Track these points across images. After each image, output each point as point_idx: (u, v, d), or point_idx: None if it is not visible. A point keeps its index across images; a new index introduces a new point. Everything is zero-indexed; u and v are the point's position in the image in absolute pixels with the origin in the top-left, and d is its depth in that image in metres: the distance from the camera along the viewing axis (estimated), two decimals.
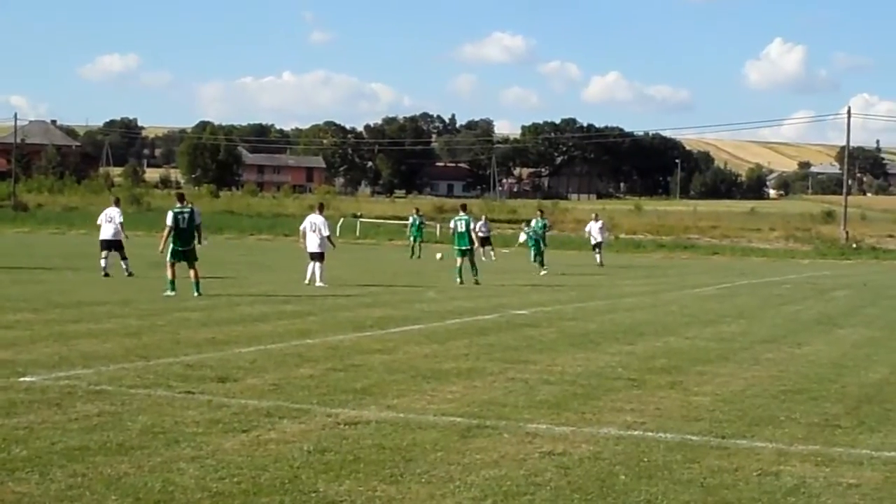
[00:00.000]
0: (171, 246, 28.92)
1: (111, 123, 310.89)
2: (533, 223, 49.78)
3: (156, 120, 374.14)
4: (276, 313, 24.69)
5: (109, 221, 36.82)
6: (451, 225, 39.15)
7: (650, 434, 12.37)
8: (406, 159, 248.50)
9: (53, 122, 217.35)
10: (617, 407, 14.10)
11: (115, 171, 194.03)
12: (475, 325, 23.80)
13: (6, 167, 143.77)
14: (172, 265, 28.75)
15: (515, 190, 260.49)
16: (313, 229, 34.87)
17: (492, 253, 54.70)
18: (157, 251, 29.62)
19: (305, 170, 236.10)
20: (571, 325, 24.55)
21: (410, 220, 58.71)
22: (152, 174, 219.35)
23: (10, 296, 26.81)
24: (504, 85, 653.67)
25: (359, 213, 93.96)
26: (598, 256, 54.49)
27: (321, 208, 36.52)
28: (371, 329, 22.28)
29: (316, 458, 10.74)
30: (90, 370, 15.65)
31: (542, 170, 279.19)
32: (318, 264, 34.54)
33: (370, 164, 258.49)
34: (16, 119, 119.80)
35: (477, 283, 36.71)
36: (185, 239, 28.87)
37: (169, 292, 28.11)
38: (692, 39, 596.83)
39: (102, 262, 35.46)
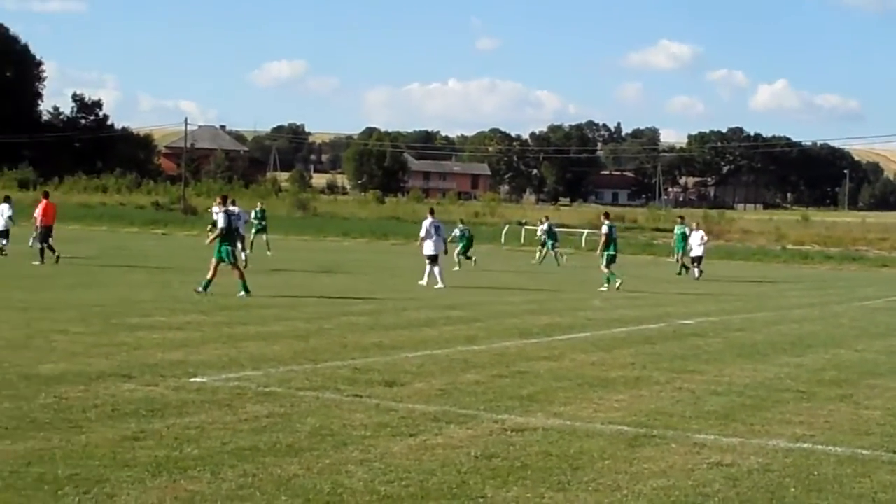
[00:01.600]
0: (222, 245, 28.87)
1: (279, 129, 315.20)
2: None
3: (323, 126, 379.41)
4: (443, 319, 24.77)
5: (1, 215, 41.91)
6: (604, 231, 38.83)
7: (820, 447, 12.14)
8: (571, 167, 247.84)
9: (222, 127, 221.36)
10: (786, 419, 13.88)
11: (282, 176, 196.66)
12: (641, 334, 23.60)
13: (176, 171, 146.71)
14: (217, 265, 28.77)
15: (681, 199, 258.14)
16: (431, 233, 35.58)
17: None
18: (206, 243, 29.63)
19: (471, 177, 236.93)
20: (738, 335, 24.21)
21: (542, 227, 58.19)
22: (319, 179, 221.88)
23: (179, 297, 27.31)
24: (670, 93, 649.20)
25: (524, 221, 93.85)
26: (696, 270, 48.65)
27: (432, 213, 37.68)
28: (537, 336, 22.24)
29: (483, 463, 10.74)
30: (259, 372, 15.86)
31: (709, 179, 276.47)
32: (435, 267, 35.30)
33: (535, 171, 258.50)
34: (186, 124, 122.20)
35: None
36: (233, 240, 28.88)
37: (200, 288, 28.20)
38: (863, 48, 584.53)
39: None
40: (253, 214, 48.27)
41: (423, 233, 35.90)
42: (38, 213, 38.98)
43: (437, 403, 13.92)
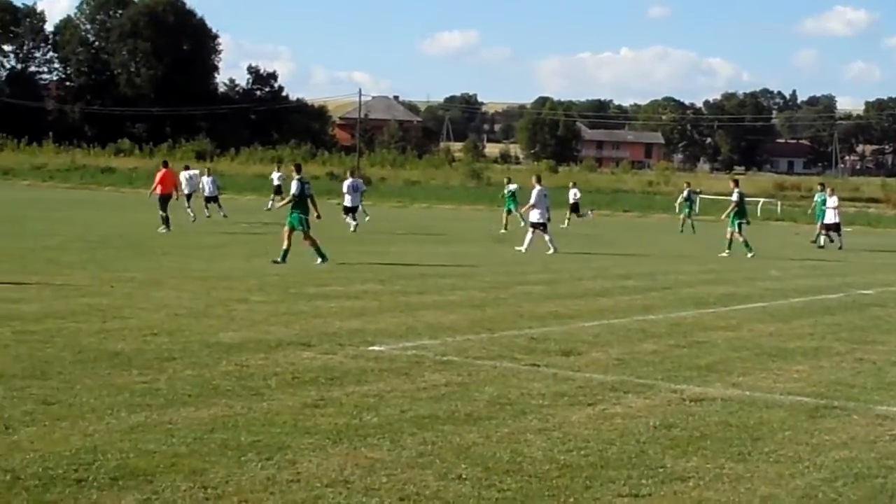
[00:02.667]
0: (296, 215, 28.43)
1: (451, 99, 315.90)
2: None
3: (495, 95, 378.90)
4: (618, 288, 24.60)
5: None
6: (735, 198, 38.08)
7: None
8: (745, 135, 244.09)
9: (396, 97, 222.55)
10: None
11: (456, 146, 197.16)
12: (820, 304, 23.18)
13: (351, 142, 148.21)
14: (290, 233, 28.35)
15: (858, 167, 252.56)
16: (538, 201, 35.65)
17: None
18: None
19: (644, 146, 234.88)
20: None
21: (683, 194, 57.17)
22: (492, 149, 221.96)
23: (357, 267, 27.57)
24: (846, 60, 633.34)
25: (698, 190, 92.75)
26: (827, 238, 46.28)
27: (540, 181, 37.28)
28: (713, 306, 21.97)
29: (662, 433, 10.66)
30: (437, 340, 15.94)
31: (886, 147, 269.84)
32: (545, 234, 35.48)
33: (709, 140, 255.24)
34: (360, 95, 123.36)
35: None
36: (305, 208, 28.75)
37: (279, 259, 27.72)
38: None
39: None
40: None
41: (533, 200, 35.67)
42: (156, 180, 39.52)
43: (615, 373, 13.85)
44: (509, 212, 47.51)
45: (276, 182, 57.49)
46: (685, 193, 56.54)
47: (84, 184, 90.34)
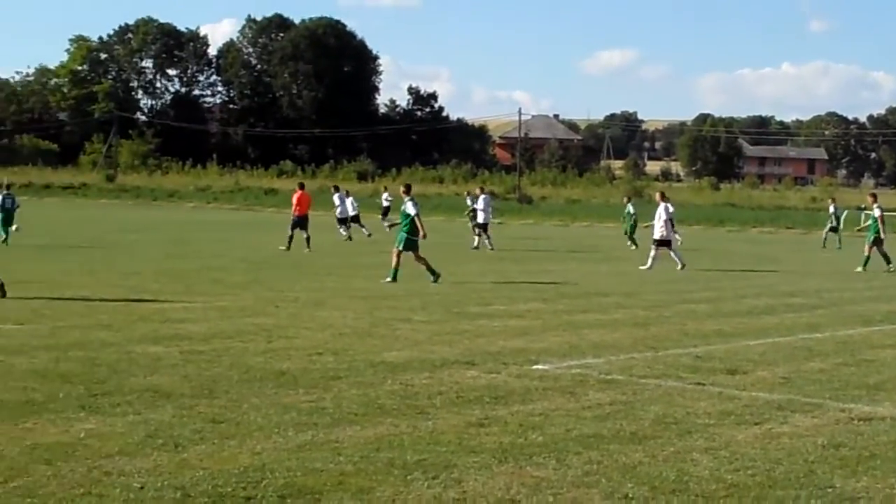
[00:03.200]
0: (406, 235, 28.28)
1: (611, 117, 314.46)
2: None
3: (655, 113, 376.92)
4: (783, 306, 24.25)
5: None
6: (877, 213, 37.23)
7: None
8: None
9: (556, 116, 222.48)
10: None
11: (616, 164, 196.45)
12: None
13: (511, 161, 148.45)
14: (399, 254, 28.15)
15: None
16: (659, 217, 35.41)
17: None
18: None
19: (807, 161, 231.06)
20: None
21: (831, 209, 56.29)
22: (653, 167, 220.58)
23: (518, 286, 27.59)
24: None
25: (863, 206, 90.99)
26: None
27: (665, 197, 36.92)
28: (880, 324, 21.54)
29: (830, 452, 10.47)
30: (600, 359, 15.88)
31: None
32: (670, 251, 35.16)
33: (873, 155, 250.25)
34: (520, 114, 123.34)
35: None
36: (415, 228, 28.35)
37: (389, 279, 27.59)
38: None
39: None
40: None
41: (663, 216, 35.18)
42: (294, 202, 40.09)
43: (781, 392, 13.64)
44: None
45: (384, 203, 59.03)
46: (831, 209, 55.81)
47: (247, 205, 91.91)
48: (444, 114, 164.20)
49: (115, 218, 55.74)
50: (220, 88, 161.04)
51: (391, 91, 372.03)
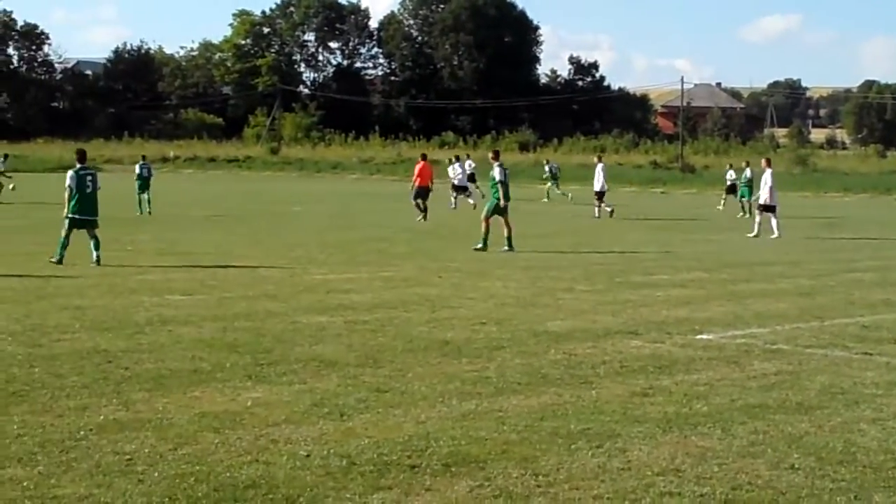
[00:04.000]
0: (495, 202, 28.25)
1: (775, 84, 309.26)
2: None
3: (820, 80, 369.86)
4: None
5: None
6: None
7: None
8: None
9: (718, 84, 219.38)
10: None
11: (780, 133, 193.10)
12: None
13: (673, 130, 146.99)
14: (487, 220, 28.05)
15: None
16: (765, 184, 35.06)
17: None
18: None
19: None
20: None
21: None
22: (817, 135, 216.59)
23: (682, 255, 27.40)
24: None
25: None
26: None
27: (769, 163, 36.36)
28: None
29: None
30: (765, 329, 15.69)
31: None
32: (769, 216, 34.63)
33: None
34: (682, 83, 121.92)
35: None
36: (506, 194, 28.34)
37: (480, 246, 27.52)
38: None
39: None
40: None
41: (769, 182, 34.84)
42: (415, 173, 40.33)
43: None
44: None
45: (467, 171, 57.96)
46: None
47: (410, 176, 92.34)
48: (606, 83, 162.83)
49: (280, 190, 56.54)
50: (381, 60, 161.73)
51: (552, 61, 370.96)
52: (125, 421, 9.76)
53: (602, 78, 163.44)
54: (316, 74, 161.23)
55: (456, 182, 49.51)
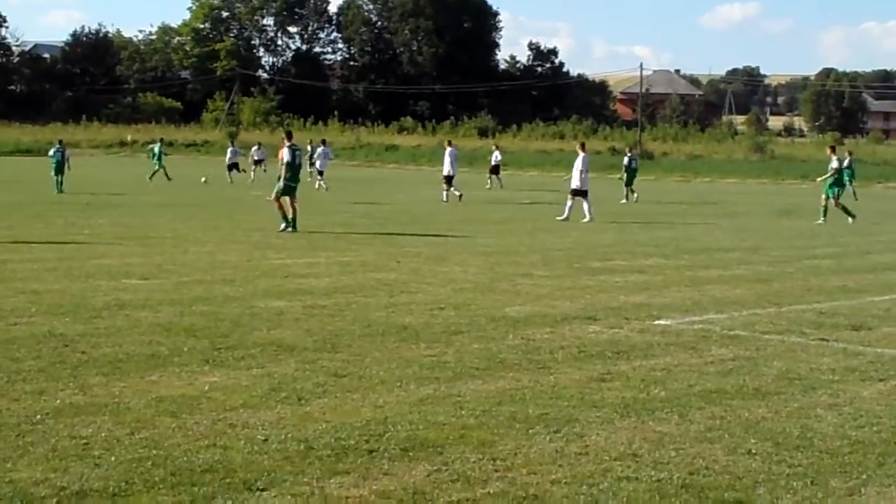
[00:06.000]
0: (285, 182, 28.87)
1: (733, 72, 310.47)
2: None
3: (778, 68, 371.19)
4: None
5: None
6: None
7: None
8: None
9: (677, 71, 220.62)
10: None
11: (738, 120, 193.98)
12: None
13: (632, 116, 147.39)
14: (279, 199, 28.70)
15: None
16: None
17: None
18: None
19: None
20: None
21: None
22: (775, 122, 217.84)
23: (640, 241, 27.49)
24: None
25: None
26: None
27: (583, 147, 36.91)
28: None
29: None
30: (723, 315, 15.76)
31: None
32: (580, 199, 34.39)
33: None
34: (641, 69, 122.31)
35: None
36: (296, 176, 29.21)
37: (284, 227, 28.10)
38: None
39: None
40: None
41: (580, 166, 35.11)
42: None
43: None
44: None
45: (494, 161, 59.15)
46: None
47: (368, 161, 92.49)
48: (565, 69, 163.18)
49: (239, 175, 56.29)
50: (340, 45, 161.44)
51: (511, 47, 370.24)
52: (82, 405, 9.71)
53: (561, 64, 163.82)
54: (275, 59, 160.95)
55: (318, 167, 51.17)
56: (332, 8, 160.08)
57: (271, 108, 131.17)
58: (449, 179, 43.73)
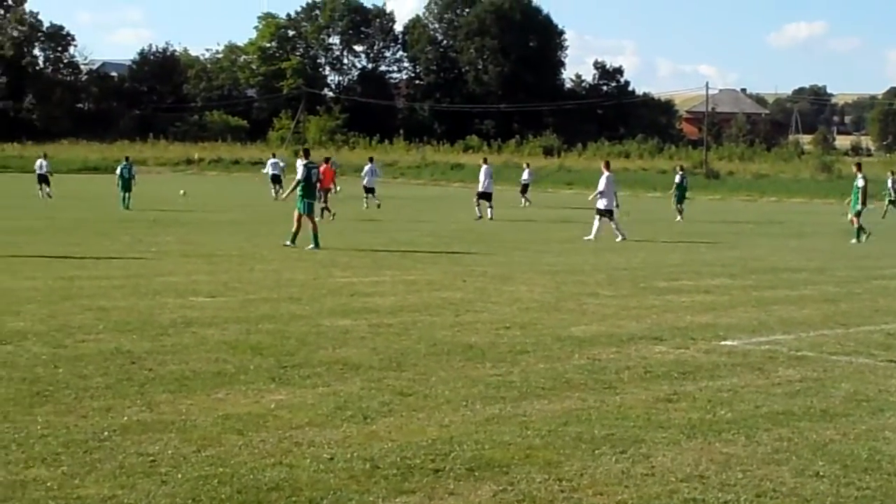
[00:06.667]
0: (304, 200, 28.85)
1: (800, 91, 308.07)
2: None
3: (844, 86, 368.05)
4: None
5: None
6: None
7: None
8: None
9: (743, 90, 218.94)
10: None
11: (805, 139, 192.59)
12: None
13: (697, 135, 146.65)
14: (300, 218, 28.62)
15: None
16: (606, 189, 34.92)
17: None
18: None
19: None
20: None
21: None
22: (842, 141, 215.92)
23: (707, 261, 27.33)
24: None
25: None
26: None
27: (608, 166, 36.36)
28: None
29: None
30: (790, 336, 15.64)
31: None
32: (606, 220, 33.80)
33: None
34: (707, 88, 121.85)
35: None
36: (312, 193, 29.26)
37: (288, 242, 28.16)
38: None
39: None
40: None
41: (602, 188, 34.71)
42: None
43: None
44: None
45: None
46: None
47: (434, 180, 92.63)
48: (630, 88, 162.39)
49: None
50: (406, 64, 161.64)
51: (576, 65, 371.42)
52: (149, 422, 9.78)
53: (627, 83, 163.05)
54: (340, 77, 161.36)
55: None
56: (398, 27, 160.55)
57: (337, 126, 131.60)
58: (485, 196, 43.77)
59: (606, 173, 35.04)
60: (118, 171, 47.52)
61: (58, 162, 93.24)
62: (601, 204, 34.42)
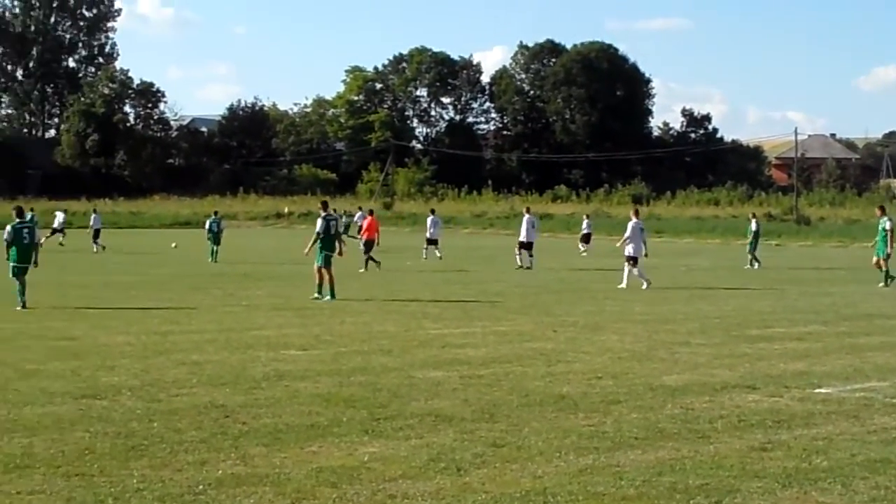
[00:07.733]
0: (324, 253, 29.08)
1: (890, 134, 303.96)
2: None
3: None
4: None
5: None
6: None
7: None
8: None
9: (832, 135, 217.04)
10: None
11: None
12: None
13: (787, 181, 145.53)
14: (320, 270, 28.85)
15: None
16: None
17: None
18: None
19: None
20: None
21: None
22: None
23: (799, 308, 27.08)
24: None
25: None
26: None
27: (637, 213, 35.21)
28: None
29: None
30: (885, 382, 15.48)
31: None
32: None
33: None
34: (796, 134, 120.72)
35: None
36: (331, 245, 29.42)
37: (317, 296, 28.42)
38: None
39: None
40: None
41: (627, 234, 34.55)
42: (364, 226, 43.47)
43: None
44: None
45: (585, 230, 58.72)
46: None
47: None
48: (718, 135, 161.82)
49: (392, 245, 56.80)
50: (493, 115, 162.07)
51: (664, 113, 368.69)
52: (243, 476, 9.86)
53: (715, 130, 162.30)
54: (428, 129, 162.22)
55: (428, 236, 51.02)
56: (485, 78, 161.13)
57: (425, 178, 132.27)
58: (526, 246, 43.80)
59: (634, 220, 34.97)
60: (207, 226, 48.48)
61: (149, 217, 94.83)
62: (629, 250, 34.39)
